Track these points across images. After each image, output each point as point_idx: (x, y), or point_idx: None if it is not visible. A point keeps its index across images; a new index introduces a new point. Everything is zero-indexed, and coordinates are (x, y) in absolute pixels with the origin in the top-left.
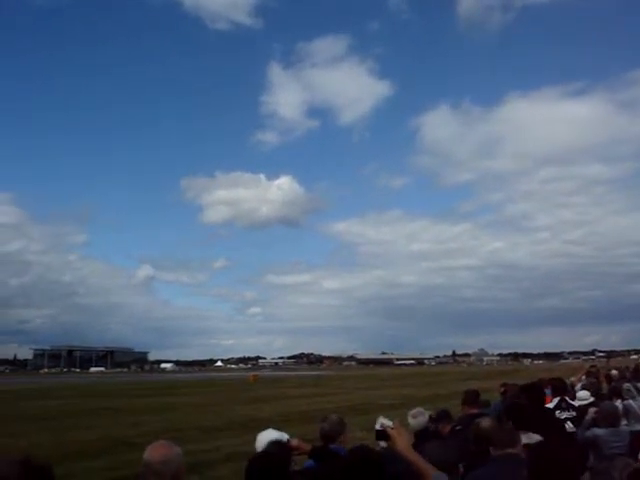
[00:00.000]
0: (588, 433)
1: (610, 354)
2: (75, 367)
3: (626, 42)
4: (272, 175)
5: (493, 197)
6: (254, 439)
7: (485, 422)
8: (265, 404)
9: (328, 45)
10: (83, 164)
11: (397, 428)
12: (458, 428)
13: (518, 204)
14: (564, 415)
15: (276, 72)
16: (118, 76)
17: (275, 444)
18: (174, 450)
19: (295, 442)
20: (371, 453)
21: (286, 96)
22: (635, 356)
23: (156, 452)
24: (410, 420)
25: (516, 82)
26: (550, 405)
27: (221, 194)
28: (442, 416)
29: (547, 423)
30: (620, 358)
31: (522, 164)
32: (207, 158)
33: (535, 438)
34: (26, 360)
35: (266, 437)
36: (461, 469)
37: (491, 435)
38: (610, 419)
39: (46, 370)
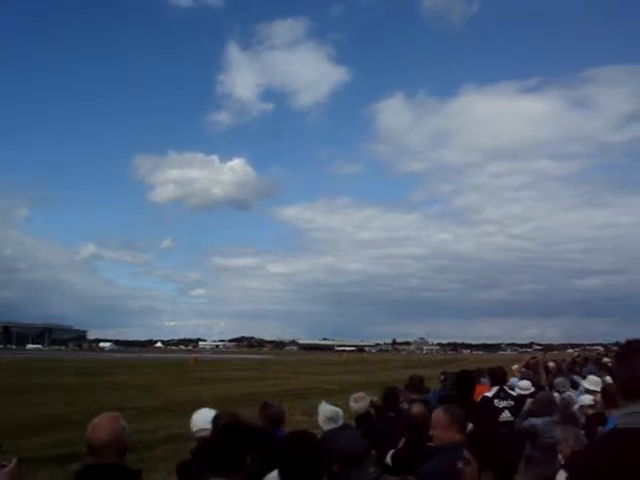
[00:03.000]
0: (525, 422)
1: (547, 347)
2: (11, 344)
3: (582, 40)
4: (225, 157)
5: (443, 188)
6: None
7: (417, 407)
8: (205, 386)
9: (288, 28)
10: (32, 136)
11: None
12: (391, 414)
13: (467, 196)
14: (502, 404)
15: (234, 52)
16: (73, 47)
17: (225, 417)
18: (121, 423)
19: None
20: (310, 436)
21: (243, 77)
22: (571, 350)
23: (103, 429)
24: (352, 404)
25: (473, 75)
26: (488, 394)
27: (173, 173)
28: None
29: (478, 412)
30: (556, 352)
31: (473, 157)
32: (160, 136)
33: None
34: None
35: (202, 416)
36: (374, 454)
37: (424, 422)
38: (547, 409)
39: None
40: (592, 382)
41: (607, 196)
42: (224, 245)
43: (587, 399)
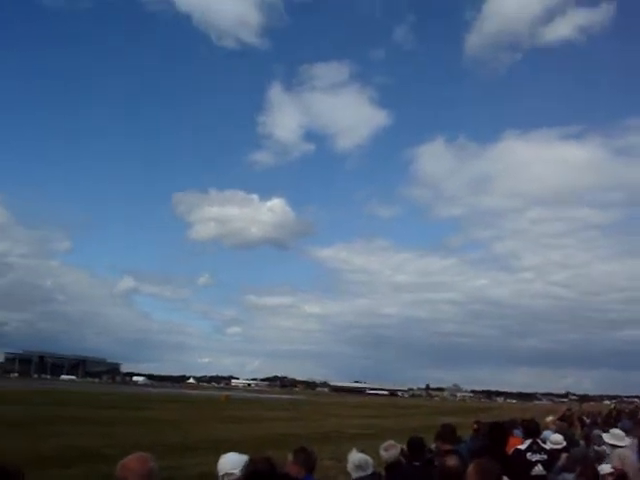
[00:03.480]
0: (559, 478)
1: (583, 398)
2: (46, 374)
3: (625, 88)
4: (264, 196)
5: (482, 234)
6: None
7: (451, 460)
8: (235, 425)
9: (330, 70)
10: (75, 171)
11: None
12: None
13: (506, 242)
14: (535, 457)
15: (276, 93)
16: (118, 86)
17: (259, 463)
18: (151, 464)
19: None
20: None
21: (284, 118)
22: (607, 402)
23: (138, 462)
24: (382, 453)
25: (514, 121)
26: (522, 447)
27: (212, 211)
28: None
29: (510, 465)
30: (593, 403)
31: (513, 203)
32: (201, 174)
33: None
34: None
35: (229, 460)
36: None
37: (458, 475)
38: (580, 464)
39: (16, 375)
40: (615, 436)
41: None
42: (261, 284)
43: (607, 468)
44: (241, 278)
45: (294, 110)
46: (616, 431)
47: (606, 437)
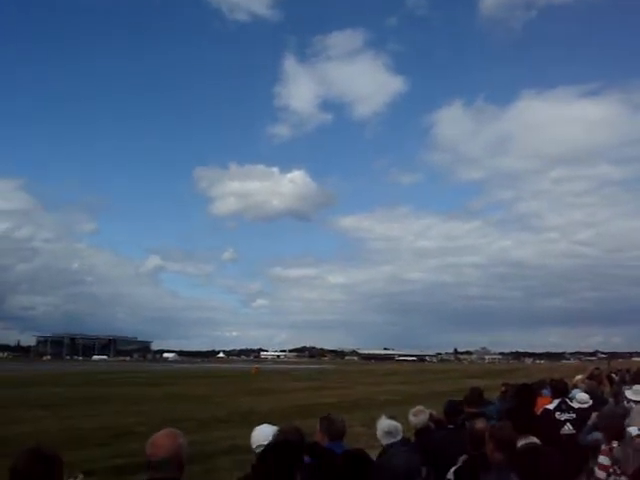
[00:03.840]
0: (589, 437)
1: (612, 356)
2: (78, 355)
3: None
4: (285, 168)
5: (504, 195)
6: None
7: (480, 423)
8: (266, 397)
9: (345, 39)
10: (96, 152)
11: None
12: (451, 427)
13: (528, 203)
14: (564, 417)
15: (291, 64)
16: (134, 64)
17: (289, 433)
18: (180, 440)
19: None
20: (364, 457)
21: (300, 89)
22: (637, 358)
23: (164, 443)
24: (411, 418)
25: (531, 81)
26: (550, 406)
27: (234, 186)
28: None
29: (539, 425)
30: (621, 360)
31: (534, 163)
32: (220, 149)
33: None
34: (29, 347)
35: (260, 432)
36: (424, 472)
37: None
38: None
39: (48, 357)
40: (636, 392)
41: None
42: (284, 256)
43: (634, 431)
44: (264, 251)
45: (310, 81)
46: (638, 387)
47: (628, 393)
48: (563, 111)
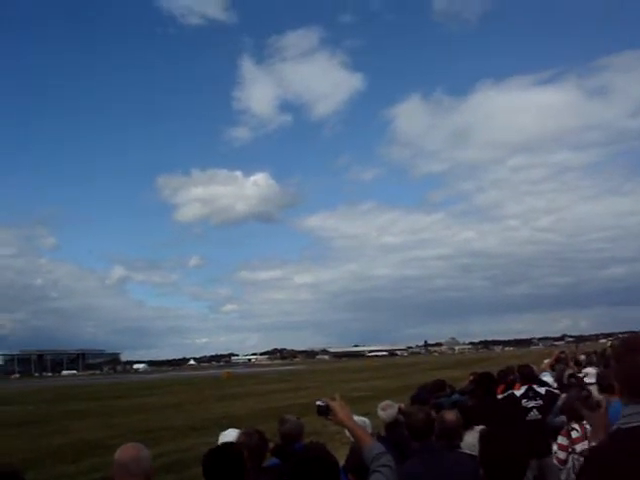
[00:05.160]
0: (556, 419)
1: (579, 339)
2: (46, 371)
3: (595, 29)
4: (247, 171)
5: (464, 186)
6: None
7: (450, 414)
8: (238, 401)
9: (300, 38)
10: (53, 163)
11: (337, 400)
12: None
13: (488, 193)
14: (531, 404)
15: (248, 67)
16: (88, 74)
17: (250, 435)
18: (143, 451)
19: None
20: (323, 450)
21: (259, 91)
22: (604, 340)
23: (127, 452)
24: (380, 412)
25: (487, 71)
26: (517, 393)
27: (197, 191)
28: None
29: (492, 414)
30: (589, 343)
31: (492, 153)
32: (182, 155)
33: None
34: None
35: (227, 437)
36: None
37: (457, 428)
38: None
39: (17, 375)
40: (590, 375)
41: (628, 183)
42: (251, 259)
43: None
44: (231, 255)
45: (268, 82)
46: (589, 369)
47: (586, 379)
48: (520, 100)
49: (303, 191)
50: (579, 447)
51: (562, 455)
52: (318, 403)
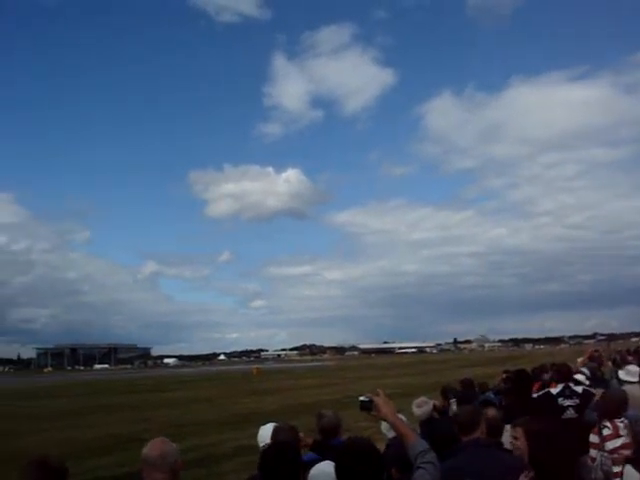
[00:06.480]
0: (591, 416)
1: (611, 337)
2: (79, 365)
3: (630, 25)
4: (279, 167)
5: (496, 183)
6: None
7: (491, 411)
8: (268, 397)
9: (332, 34)
10: (86, 160)
11: (381, 396)
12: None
13: (520, 189)
14: (567, 402)
15: (280, 63)
16: (122, 70)
17: (284, 431)
18: (171, 445)
19: (301, 434)
20: (364, 443)
21: (291, 87)
22: (635, 339)
23: (154, 447)
24: (415, 409)
25: (520, 67)
26: (554, 391)
27: (229, 187)
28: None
29: (536, 409)
30: (621, 341)
31: (525, 149)
32: (214, 151)
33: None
34: (30, 359)
35: (267, 430)
36: None
37: (497, 425)
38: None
39: (50, 369)
40: (629, 372)
41: None
42: (281, 255)
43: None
44: (261, 251)
45: (299, 78)
46: (631, 367)
47: (621, 374)
48: (552, 95)
49: (334, 187)
50: (610, 445)
51: (593, 453)
52: (361, 399)
